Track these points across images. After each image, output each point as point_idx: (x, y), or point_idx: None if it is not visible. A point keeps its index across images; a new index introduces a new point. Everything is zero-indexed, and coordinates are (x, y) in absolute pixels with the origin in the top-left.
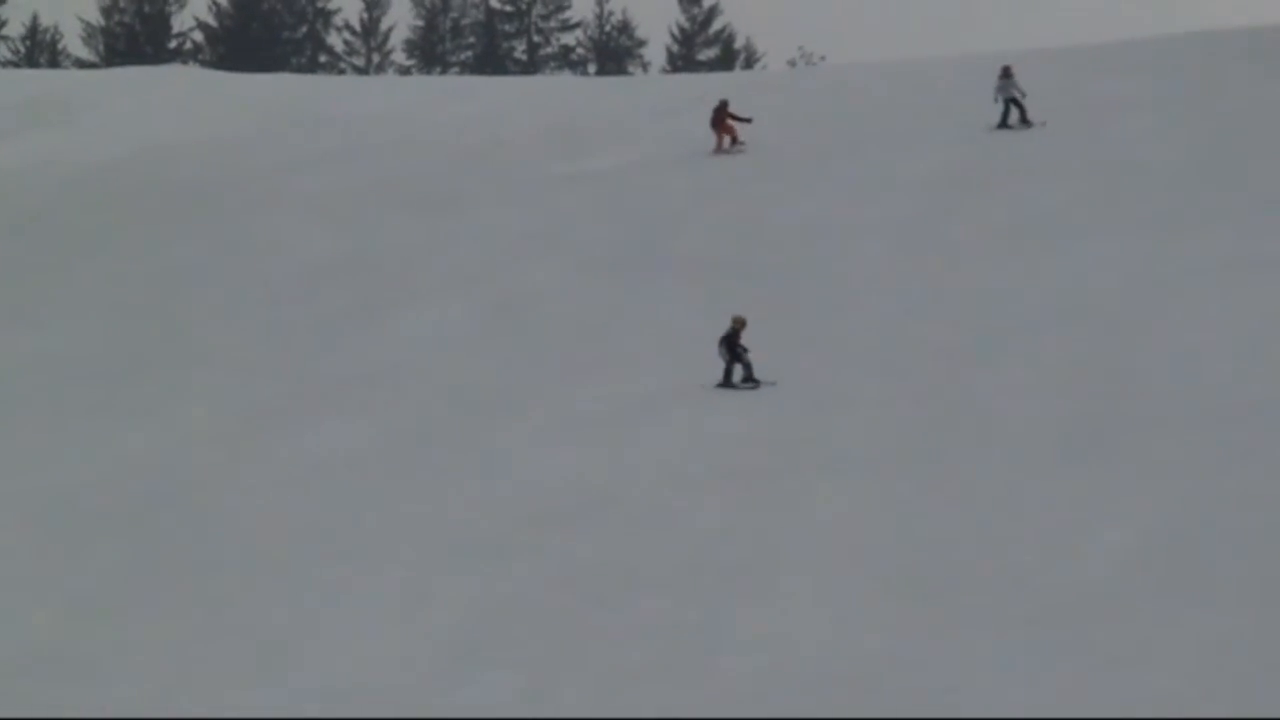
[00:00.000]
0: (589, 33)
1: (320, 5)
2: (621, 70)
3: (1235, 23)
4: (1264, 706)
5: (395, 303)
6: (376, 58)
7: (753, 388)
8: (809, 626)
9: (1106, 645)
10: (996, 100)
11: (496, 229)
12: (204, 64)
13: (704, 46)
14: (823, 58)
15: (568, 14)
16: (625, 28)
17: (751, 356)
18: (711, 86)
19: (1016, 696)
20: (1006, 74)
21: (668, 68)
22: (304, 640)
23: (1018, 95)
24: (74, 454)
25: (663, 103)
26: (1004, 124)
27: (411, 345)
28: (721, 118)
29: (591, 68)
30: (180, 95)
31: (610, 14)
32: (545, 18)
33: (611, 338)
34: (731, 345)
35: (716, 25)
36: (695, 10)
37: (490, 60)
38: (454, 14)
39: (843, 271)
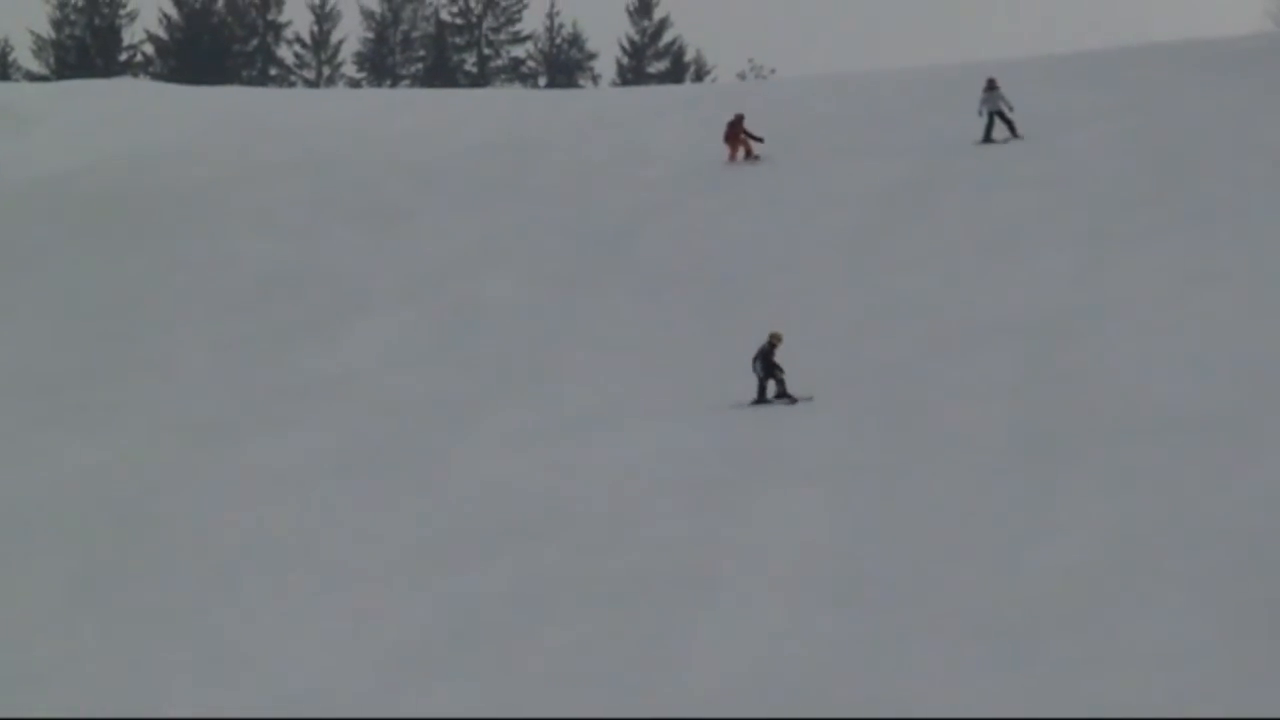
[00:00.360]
0: (539, 45)
1: (271, 18)
2: (572, 83)
3: (1185, 35)
4: (1212, 714)
5: (346, 314)
6: (327, 70)
7: (789, 403)
8: (763, 635)
9: (1057, 653)
10: (981, 114)
11: (447, 241)
12: (155, 76)
13: (654, 59)
14: (773, 71)
15: (518, 27)
16: (576, 41)
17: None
18: (663, 98)
19: (969, 704)
20: (991, 87)
21: (618, 80)
22: (255, 650)
23: (1004, 108)
24: (22, 466)
25: (613, 115)
26: (988, 138)
27: (362, 357)
28: (736, 132)
29: (542, 80)
30: (131, 108)
31: (561, 27)
32: (496, 30)
33: (563, 349)
34: (767, 361)
35: (666, 38)
36: (645, 23)
37: (440, 73)
38: (404, 27)
39: (794, 283)
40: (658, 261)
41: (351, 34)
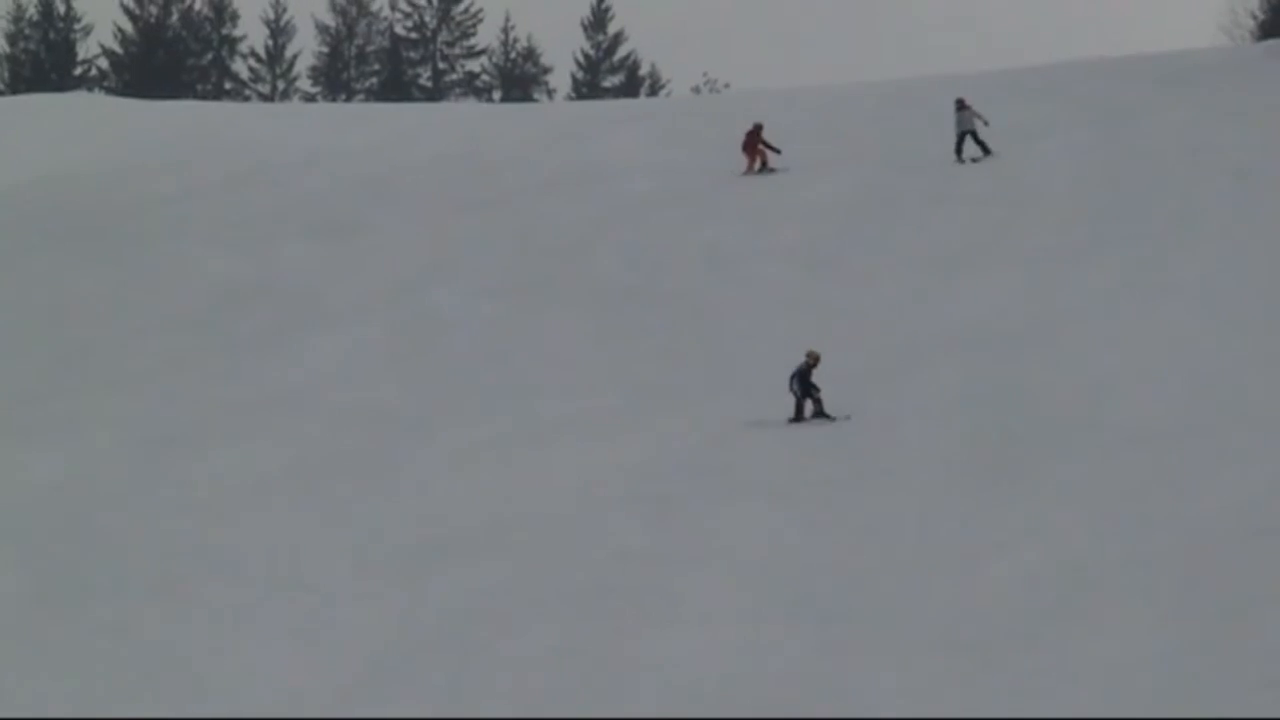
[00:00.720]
0: (494, 60)
1: (226, 32)
2: (527, 97)
3: (1140, 49)
4: None
5: (299, 328)
6: (282, 84)
7: (827, 422)
8: (714, 651)
9: (1014, 665)
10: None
11: (400, 255)
12: (109, 91)
13: (609, 73)
14: (727, 85)
15: (473, 41)
16: (530, 55)
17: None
18: (618, 112)
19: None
20: (961, 106)
21: (573, 94)
22: (208, 665)
23: (978, 126)
24: None
25: (568, 129)
26: (960, 157)
27: (316, 371)
28: (754, 141)
29: (497, 94)
30: (85, 122)
31: (515, 41)
32: (450, 44)
33: (516, 363)
34: (804, 380)
35: (621, 52)
36: (600, 37)
37: (395, 87)
38: (359, 41)
39: (747, 297)
40: (612, 275)
41: (306, 48)
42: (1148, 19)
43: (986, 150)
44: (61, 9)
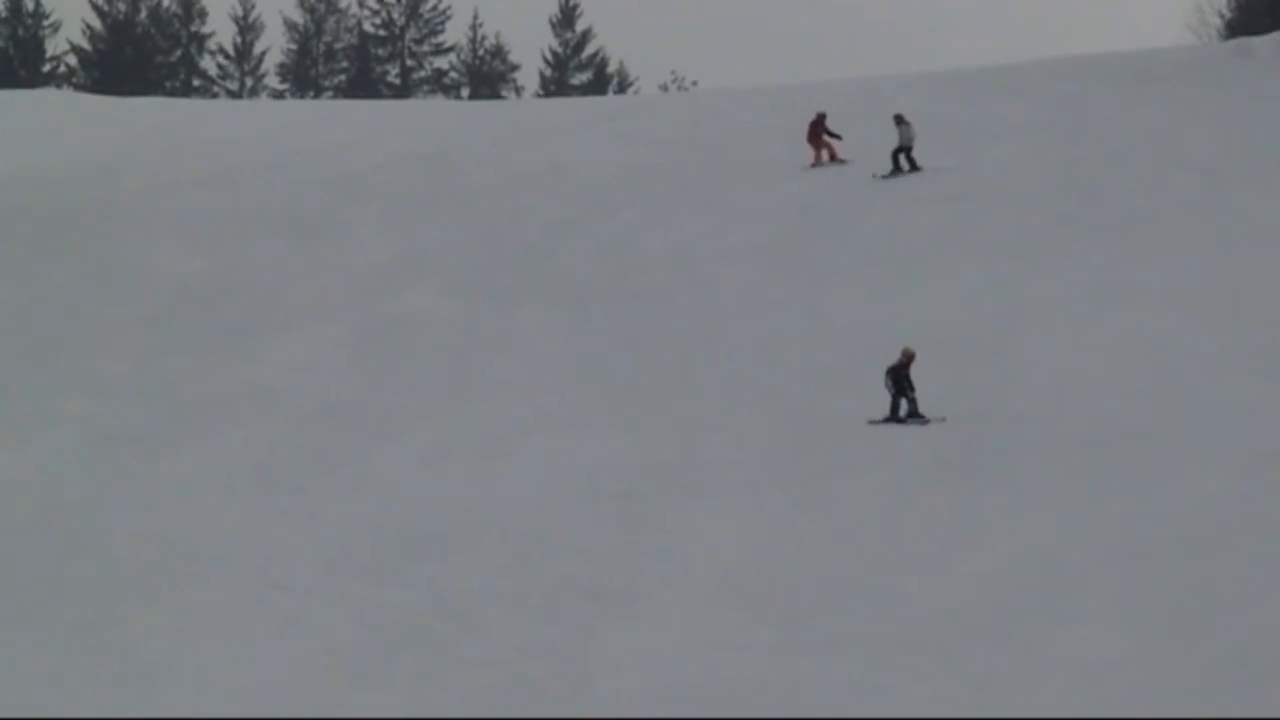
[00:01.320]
0: (462, 57)
1: (194, 29)
2: (495, 94)
3: (1106, 48)
4: None
5: (267, 327)
6: (250, 81)
7: (921, 423)
8: (681, 649)
9: (980, 665)
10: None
11: (368, 253)
12: (78, 88)
13: (577, 71)
14: (694, 82)
15: (441, 38)
16: (499, 52)
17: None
18: (586, 110)
19: (891, 716)
20: (900, 121)
21: (541, 92)
22: (177, 665)
23: (908, 143)
24: None
25: (536, 127)
26: (896, 167)
27: (284, 370)
28: (818, 131)
29: (465, 91)
30: (53, 119)
31: (484, 38)
32: (419, 42)
33: (484, 362)
34: (898, 378)
35: (589, 49)
36: (568, 35)
37: (363, 84)
38: (327, 38)
39: (712, 296)
40: (580, 274)
41: (274, 45)
42: (1114, 18)
43: (915, 167)
44: (30, 5)
